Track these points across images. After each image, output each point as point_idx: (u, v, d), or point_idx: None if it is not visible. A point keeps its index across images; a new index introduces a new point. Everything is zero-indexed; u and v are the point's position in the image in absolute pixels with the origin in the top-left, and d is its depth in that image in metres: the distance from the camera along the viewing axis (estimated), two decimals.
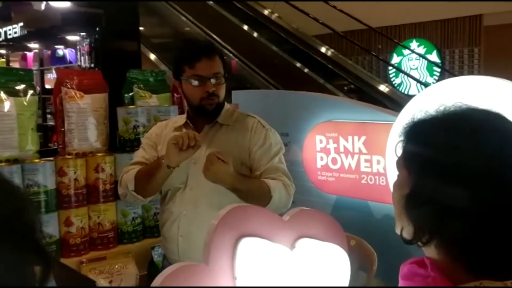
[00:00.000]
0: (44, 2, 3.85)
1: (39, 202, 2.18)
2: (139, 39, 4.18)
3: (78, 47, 4.53)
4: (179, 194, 1.87)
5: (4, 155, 2.16)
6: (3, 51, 6.27)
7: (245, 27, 7.95)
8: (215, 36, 7.40)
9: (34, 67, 5.89)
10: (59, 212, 2.28)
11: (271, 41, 7.71)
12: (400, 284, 0.83)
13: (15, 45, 5.67)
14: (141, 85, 2.67)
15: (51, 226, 2.23)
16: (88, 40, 4.18)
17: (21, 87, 2.24)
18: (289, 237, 1.09)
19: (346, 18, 7.87)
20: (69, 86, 2.42)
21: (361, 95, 6.53)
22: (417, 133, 0.84)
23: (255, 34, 7.85)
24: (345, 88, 7.04)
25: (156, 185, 1.83)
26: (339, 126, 2.76)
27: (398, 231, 0.86)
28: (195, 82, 1.81)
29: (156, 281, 0.87)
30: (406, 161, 0.84)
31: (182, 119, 1.97)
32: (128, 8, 4.14)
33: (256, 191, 1.78)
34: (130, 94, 2.67)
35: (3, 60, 6.22)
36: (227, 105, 1.97)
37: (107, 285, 2.22)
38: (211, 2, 8.04)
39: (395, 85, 8.46)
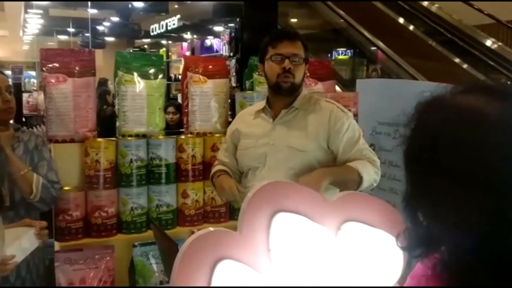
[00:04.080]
0: None
1: (160, 174, 2.45)
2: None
3: (221, 37, 4.85)
4: (258, 173, 1.98)
5: (134, 131, 2.46)
6: (164, 42, 6.98)
7: (401, 20, 7.66)
8: (363, 30, 7.26)
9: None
10: (177, 184, 2.52)
11: (429, 34, 7.30)
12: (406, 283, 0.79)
13: (172, 36, 6.28)
14: (260, 72, 2.79)
15: (169, 196, 2.48)
16: (229, 30, 4.46)
17: (152, 70, 2.52)
18: (334, 219, 1.09)
19: None
20: (194, 71, 2.65)
21: None
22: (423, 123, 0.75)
23: (411, 27, 7.52)
24: None
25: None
26: None
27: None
28: (275, 60, 1.93)
29: (188, 240, 0.96)
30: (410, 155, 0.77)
31: (261, 104, 2.07)
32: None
33: (348, 178, 1.87)
34: (251, 80, 2.81)
35: (164, 49, 6.94)
36: (305, 91, 2.04)
37: None
38: None
39: None
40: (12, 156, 1.97)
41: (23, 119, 7.42)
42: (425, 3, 7.53)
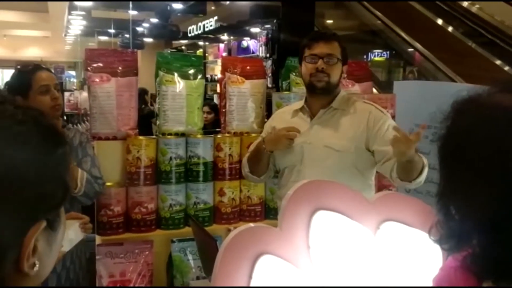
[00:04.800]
0: None
1: (198, 172, 2.51)
2: (313, 31, 4.32)
3: (258, 38, 4.89)
4: (295, 171, 2.01)
5: (174, 129, 2.52)
6: (201, 43, 7.08)
7: (439, 21, 7.53)
8: (400, 31, 7.16)
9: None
10: (215, 182, 2.57)
11: (469, 35, 7.15)
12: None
13: (209, 37, 6.37)
14: (297, 73, 2.81)
15: (206, 194, 2.53)
16: (265, 31, 4.50)
17: (191, 71, 2.58)
18: (373, 218, 1.11)
19: None
20: (232, 72, 2.70)
21: None
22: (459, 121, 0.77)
23: (450, 28, 7.38)
24: None
25: (263, 165, 2.09)
26: None
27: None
28: (309, 60, 1.97)
29: (230, 235, 0.99)
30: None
31: (300, 104, 2.11)
32: (305, 1, 4.31)
33: (418, 162, 1.79)
34: (288, 81, 2.84)
35: (201, 50, 7.04)
36: (343, 92, 2.06)
37: None
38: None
39: None
40: None
41: (65, 117, 7.67)
42: (465, 4, 7.38)
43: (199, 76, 2.61)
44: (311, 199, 1.05)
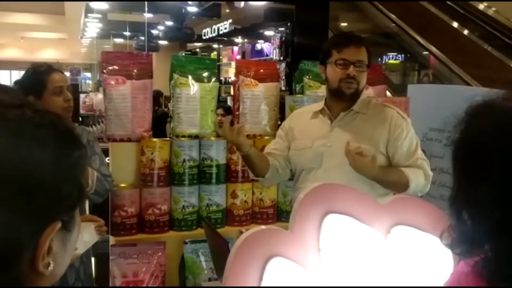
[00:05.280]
0: (243, 2, 4.30)
1: (211, 174, 2.52)
2: (327, 33, 4.32)
3: (272, 41, 4.90)
4: (313, 174, 1.98)
5: (187, 132, 2.55)
6: (215, 46, 7.11)
7: (455, 24, 7.47)
8: (415, 34, 7.12)
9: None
10: (227, 184, 2.59)
11: (485, 38, 7.09)
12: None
13: (224, 40, 6.40)
14: (311, 76, 2.82)
15: (219, 196, 2.55)
16: (279, 34, 4.51)
17: (205, 74, 2.60)
18: (384, 222, 1.11)
19: None
20: (246, 75, 2.71)
21: None
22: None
23: (466, 31, 7.32)
24: None
25: (257, 165, 2.05)
26: None
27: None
28: (340, 65, 1.92)
29: (242, 237, 1.00)
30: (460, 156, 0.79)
31: (319, 105, 2.07)
32: (319, 3, 4.30)
33: (395, 181, 1.89)
34: (301, 84, 2.85)
35: (215, 53, 7.08)
36: (364, 95, 2.02)
37: None
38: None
39: None
40: None
41: (80, 119, 7.76)
42: (481, 7, 7.31)
43: (213, 79, 2.62)
44: (322, 202, 1.05)
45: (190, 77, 2.55)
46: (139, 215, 2.43)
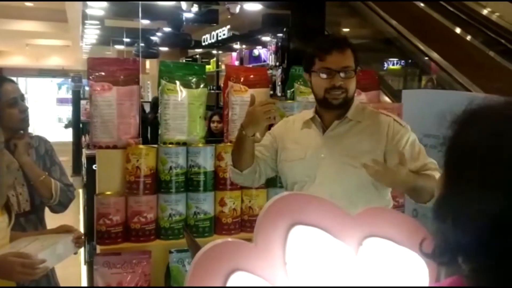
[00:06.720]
0: (239, 6, 4.27)
1: (198, 182, 2.48)
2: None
3: (268, 46, 4.87)
4: (306, 189, 1.84)
5: (175, 138, 2.50)
6: (214, 52, 7.10)
7: (457, 30, 7.42)
8: (416, 40, 7.07)
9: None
10: (215, 192, 2.54)
11: (488, 44, 7.02)
12: None
13: (222, 46, 6.38)
14: (302, 81, 2.77)
15: (207, 204, 2.50)
16: (275, 40, 4.48)
17: (194, 80, 2.56)
18: (355, 234, 1.06)
19: None
20: (235, 81, 2.67)
21: None
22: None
23: (469, 37, 7.26)
24: None
25: (246, 155, 1.90)
26: None
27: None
28: (323, 75, 1.78)
29: (202, 250, 0.95)
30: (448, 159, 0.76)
31: (310, 113, 1.94)
32: (315, 9, 4.27)
33: (427, 186, 1.67)
34: (292, 89, 2.80)
35: (214, 59, 7.07)
36: (356, 101, 1.91)
37: None
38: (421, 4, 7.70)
39: None
40: (31, 163, 2.06)
41: (81, 125, 7.73)
42: (485, 12, 7.26)
43: (202, 85, 2.58)
44: (288, 213, 1.01)
45: (178, 83, 2.51)
46: (124, 224, 2.39)
